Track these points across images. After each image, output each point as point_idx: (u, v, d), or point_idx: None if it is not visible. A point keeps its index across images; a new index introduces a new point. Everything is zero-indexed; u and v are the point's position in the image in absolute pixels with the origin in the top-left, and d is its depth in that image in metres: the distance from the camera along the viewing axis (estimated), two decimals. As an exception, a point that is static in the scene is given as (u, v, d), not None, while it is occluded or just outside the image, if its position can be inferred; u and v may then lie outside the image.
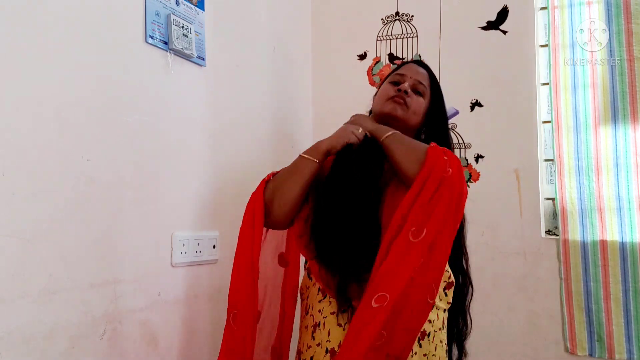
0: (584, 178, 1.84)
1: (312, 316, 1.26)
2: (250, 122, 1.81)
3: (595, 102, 1.85)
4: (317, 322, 1.24)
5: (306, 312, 1.30)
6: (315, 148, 1.25)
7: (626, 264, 1.77)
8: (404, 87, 1.32)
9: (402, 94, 1.31)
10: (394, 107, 1.31)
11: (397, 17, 2.20)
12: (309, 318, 1.27)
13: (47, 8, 1.11)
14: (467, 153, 2.05)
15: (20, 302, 1.03)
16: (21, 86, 1.05)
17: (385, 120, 1.32)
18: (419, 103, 1.34)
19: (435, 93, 1.39)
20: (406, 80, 1.34)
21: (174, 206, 1.45)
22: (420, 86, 1.35)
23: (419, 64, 1.42)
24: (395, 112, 1.31)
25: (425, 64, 1.44)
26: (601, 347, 1.79)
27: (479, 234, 1.97)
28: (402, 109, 1.31)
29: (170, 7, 1.44)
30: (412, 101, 1.32)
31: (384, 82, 1.41)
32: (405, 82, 1.34)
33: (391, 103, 1.31)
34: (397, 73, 1.38)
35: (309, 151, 1.25)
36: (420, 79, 1.35)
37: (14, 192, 1.03)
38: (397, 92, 1.32)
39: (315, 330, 1.23)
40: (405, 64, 1.42)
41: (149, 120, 1.37)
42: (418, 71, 1.38)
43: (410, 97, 1.32)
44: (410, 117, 1.32)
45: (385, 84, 1.38)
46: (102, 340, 1.20)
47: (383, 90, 1.37)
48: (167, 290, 1.42)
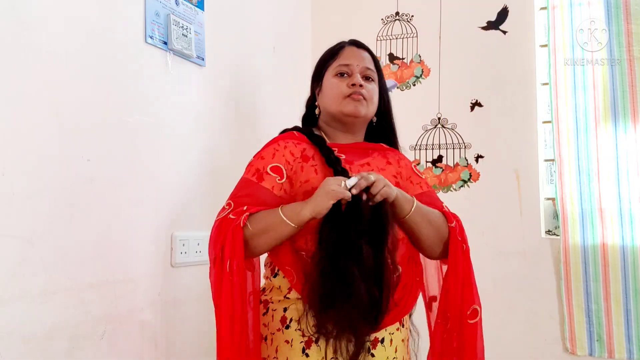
0: (584, 178, 1.84)
1: (298, 331, 1.13)
2: (250, 122, 1.81)
3: (595, 102, 1.85)
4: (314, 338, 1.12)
5: (285, 326, 1.16)
6: (297, 214, 1.07)
7: (626, 264, 1.77)
8: (358, 81, 1.23)
9: (358, 88, 1.23)
10: (356, 106, 1.23)
11: (397, 17, 2.20)
12: (293, 333, 1.14)
13: (47, 8, 1.11)
14: (467, 153, 2.05)
15: (20, 302, 1.03)
16: (21, 86, 1.05)
17: (344, 121, 1.26)
18: (374, 91, 1.27)
19: (379, 73, 1.31)
20: (354, 70, 1.25)
21: (174, 206, 1.45)
22: (369, 72, 1.27)
23: (357, 44, 1.32)
24: (358, 112, 1.24)
25: (362, 43, 1.33)
26: (601, 347, 1.79)
27: (479, 234, 1.97)
28: (363, 105, 1.24)
29: (170, 7, 1.44)
30: (368, 92, 1.25)
31: (327, 74, 1.30)
32: (354, 72, 1.25)
33: (351, 102, 1.23)
34: (343, 64, 1.27)
35: (290, 214, 1.07)
36: (367, 64, 1.27)
37: (14, 192, 1.03)
38: (352, 87, 1.23)
39: (310, 347, 1.12)
40: (342, 47, 1.31)
41: (148, 120, 1.37)
42: (362, 55, 1.29)
43: (365, 87, 1.24)
44: (369, 110, 1.27)
45: (332, 78, 1.27)
46: (102, 340, 1.20)
47: (333, 87, 1.26)
48: (167, 290, 1.42)
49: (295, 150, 1.22)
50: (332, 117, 1.28)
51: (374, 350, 1.15)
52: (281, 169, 1.18)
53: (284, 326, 1.16)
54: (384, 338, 1.17)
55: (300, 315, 1.12)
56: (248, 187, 1.17)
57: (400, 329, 1.22)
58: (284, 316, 1.16)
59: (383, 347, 1.17)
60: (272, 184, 1.16)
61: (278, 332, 1.16)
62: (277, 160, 1.19)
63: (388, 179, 1.19)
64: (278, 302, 1.19)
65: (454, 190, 2.05)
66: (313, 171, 1.19)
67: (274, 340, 1.16)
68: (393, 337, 1.19)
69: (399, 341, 1.21)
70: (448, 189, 2.06)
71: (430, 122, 2.11)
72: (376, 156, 1.30)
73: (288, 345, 1.14)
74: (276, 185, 1.17)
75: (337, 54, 1.30)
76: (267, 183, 1.16)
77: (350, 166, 1.23)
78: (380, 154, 1.32)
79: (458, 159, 2.06)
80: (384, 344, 1.17)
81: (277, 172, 1.18)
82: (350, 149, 1.28)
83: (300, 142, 1.24)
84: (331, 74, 1.28)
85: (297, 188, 1.18)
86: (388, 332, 1.18)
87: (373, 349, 1.15)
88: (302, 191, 1.16)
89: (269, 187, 1.16)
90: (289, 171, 1.19)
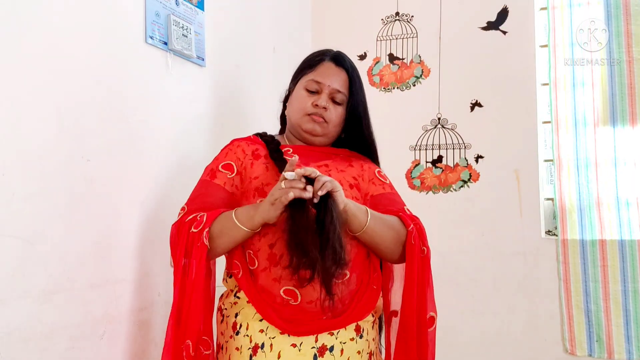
0: (584, 178, 1.84)
1: (247, 337, 1.15)
2: (250, 122, 1.81)
3: (595, 103, 1.85)
4: (259, 343, 1.13)
5: (235, 332, 1.17)
6: (249, 218, 1.10)
7: (625, 264, 1.77)
8: (321, 104, 1.25)
9: (321, 110, 1.26)
10: (313, 126, 1.27)
11: (397, 17, 2.20)
12: (242, 339, 1.15)
13: (47, 8, 1.11)
14: (467, 153, 2.05)
15: (20, 302, 1.03)
16: (21, 86, 1.05)
17: (303, 136, 1.30)
18: (337, 114, 1.28)
19: (352, 94, 1.30)
20: (323, 90, 1.27)
21: (174, 206, 1.45)
22: (339, 95, 1.28)
23: (337, 61, 1.31)
24: (315, 131, 1.28)
25: (343, 59, 1.32)
26: (600, 347, 1.79)
27: (479, 234, 1.98)
28: (322, 126, 1.27)
29: (170, 7, 1.44)
30: (330, 115, 1.27)
31: (300, 83, 1.31)
32: (323, 92, 1.27)
33: (310, 121, 1.27)
34: (315, 80, 1.28)
35: (243, 219, 1.10)
36: (339, 87, 1.28)
37: (14, 192, 1.03)
38: (315, 107, 1.26)
39: (256, 354, 1.12)
40: (322, 60, 1.31)
41: (148, 120, 1.37)
42: (337, 77, 1.28)
43: (329, 110, 1.27)
44: (330, 131, 1.29)
45: (301, 91, 1.29)
46: (102, 340, 1.20)
47: (300, 99, 1.29)
48: (167, 290, 1.42)
49: (247, 149, 1.28)
50: (293, 126, 1.33)
51: (321, 358, 1.12)
52: (232, 165, 1.24)
53: (235, 332, 1.17)
54: (334, 346, 1.14)
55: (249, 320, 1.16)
56: (202, 187, 1.23)
57: (355, 339, 1.17)
58: (235, 322, 1.18)
59: (332, 355, 1.13)
60: (223, 180, 1.22)
61: (230, 339, 1.18)
62: (228, 158, 1.26)
63: (347, 179, 1.24)
64: (231, 307, 1.21)
65: (454, 190, 2.05)
66: (264, 168, 1.23)
67: (228, 349, 1.18)
68: (345, 346, 1.15)
69: (354, 353, 1.16)
70: (448, 189, 2.06)
71: (430, 123, 2.11)
72: (337, 159, 1.31)
73: (238, 352, 1.15)
74: (227, 180, 1.22)
75: (314, 67, 1.31)
76: (219, 180, 1.22)
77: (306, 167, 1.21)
78: (342, 158, 1.32)
79: (458, 159, 2.06)
80: (332, 352, 1.13)
81: (227, 168, 1.24)
82: (309, 151, 1.30)
83: (254, 143, 1.29)
84: (302, 85, 1.31)
85: (247, 184, 1.22)
86: (339, 341, 1.15)
87: (320, 356, 1.12)
88: (253, 187, 1.21)
89: (220, 184, 1.22)
90: (239, 167, 1.24)
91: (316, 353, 1.12)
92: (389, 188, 1.30)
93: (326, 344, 1.13)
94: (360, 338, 1.18)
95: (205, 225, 1.11)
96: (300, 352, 1.12)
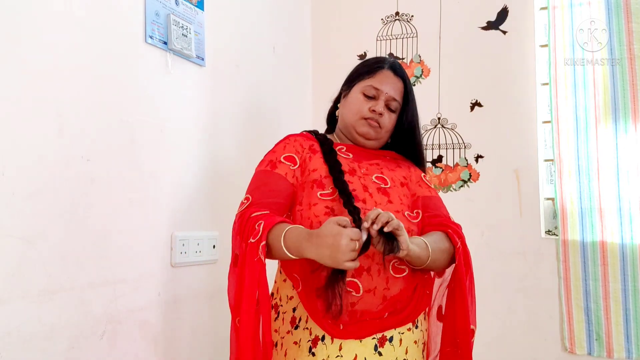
0: (584, 178, 1.84)
1: (307, 330, 1.16)
2: (250, 122, 1.81)
3: (595, 102, 1.85)
4: (320, 335, 1.14)
5: (294, 326, 1.18)
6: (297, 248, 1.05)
7: (625, 263, 1.77)
8: (378, 110, 1.29)
9: (377, 115, 1.30)
10: (368, 130, 1.31)
11: (397, 17, 2.20)
12: (302, 332, 1.16)
13: (47, 8, 1.11)
14: (467, 153, 2.05)
15: (20, 302, 1.03)
16: (21, 86, 1.05)
17: (355, 137, 1.33)
18: (391, 121, 1.33)
19: (407, 103, 1.34)
20: (380, 96, 1.30)
21: (174, 206, 1.45)
22: (394, 103, 1.32)
23: (395, 70, 1.34)
24: (369, 135, 1.32)
25: (401, 69, 1.36)
26: (600, 346, 1.79)
27: (479, 234, 1.97)
28: (376, 131, 1.31)
29: (170, 7, 1.44)
30: (385, 121, 1.31)
31: (356, 87, 1.34)
32: (380, 99, 1.30)
33: (365, 125, 1.31)
34: (373, 86, 1.31)
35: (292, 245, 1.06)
36: (395, 95, 1.32)
37: (14, 192, 1.03)
38: (372, 112, 1.29)
39: (316, 346, 1.13)
40: (381, 68, 1.33)
41: (148, 120, 1.37)
42: (394, 85, 1.32)
43: (384, 116, 1.31)
44: (382, 136, 1.34)
45: (359, 95, 1.32)
46: (102, 340, 1.21)
47: (356, 103, 1.32)
48: (167, 290, 1.42)
49: (304, 143, 1.31)
50: (346, 127, 1.36)
51: (381, 348, 1.15)
52: (294, 157, 1.26)
53: (293, 327, 1.18)
54: (393, 337, 1.17)
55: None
56: (263, 177, 1.24)
57: (412, 329, 1.21)
58: (294, 316, 1.19)
59: (392, 346, 1.16)
60: (285, 171, 1.23)
61: (287, 335, 1.18)
62: (288, 150, 1.27)
63: (398, 178, 1.29)
64: (287, 302, 1.21)
65: (454, 190, 2.05)
66: (321, 162, 1.26)
67: (284, 345, 1.18)
68: (403, 337, 1.19)
69: (411, 342, 1.20)
70: (448, 189, 2.06)
71: (430, 122, 2.11)
72: (385, 160, 1.36)
73: (296, 347, 1.16)
74: (289, 172, 1.24)
75: (373, 74, 1.33)
76: (281, 170, 1.23)
77: (359, 164, 1.29)
78: (389, 160, 1.37)
79: (458, 159, 2.06)
80: (392, 343, 1.17)
81: (290, 160, 1.26)
82: (360, 151, 1.34)
83: (309, 139, 1.33)
84: (360, 89, 1.33)
85: (306, 176, 1.24)
86: (397, 332, 1.18)
87: (380, 347, 1.15)
88: (311, 180, 1.23)
89: (282, 174, 1.23)
90: (300, 160, 1.26)
91: (377, 344, 1.15)
92: (434, 192, 1.36)
93: (386, 335, 1.17)
94: (416, 328, 1.22)
95: (261, 238, 1.06)
96: (362, 342, 1.14)
